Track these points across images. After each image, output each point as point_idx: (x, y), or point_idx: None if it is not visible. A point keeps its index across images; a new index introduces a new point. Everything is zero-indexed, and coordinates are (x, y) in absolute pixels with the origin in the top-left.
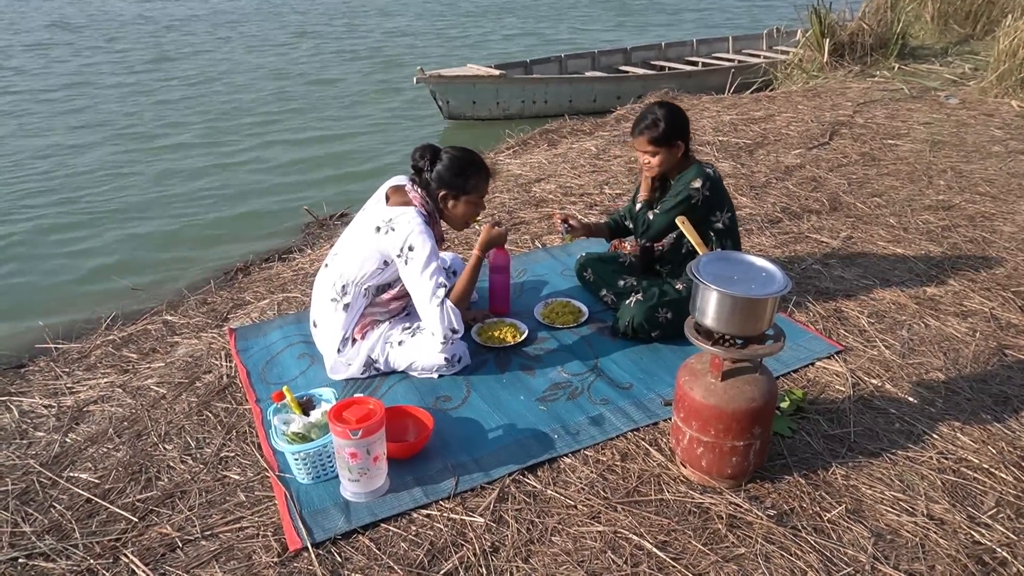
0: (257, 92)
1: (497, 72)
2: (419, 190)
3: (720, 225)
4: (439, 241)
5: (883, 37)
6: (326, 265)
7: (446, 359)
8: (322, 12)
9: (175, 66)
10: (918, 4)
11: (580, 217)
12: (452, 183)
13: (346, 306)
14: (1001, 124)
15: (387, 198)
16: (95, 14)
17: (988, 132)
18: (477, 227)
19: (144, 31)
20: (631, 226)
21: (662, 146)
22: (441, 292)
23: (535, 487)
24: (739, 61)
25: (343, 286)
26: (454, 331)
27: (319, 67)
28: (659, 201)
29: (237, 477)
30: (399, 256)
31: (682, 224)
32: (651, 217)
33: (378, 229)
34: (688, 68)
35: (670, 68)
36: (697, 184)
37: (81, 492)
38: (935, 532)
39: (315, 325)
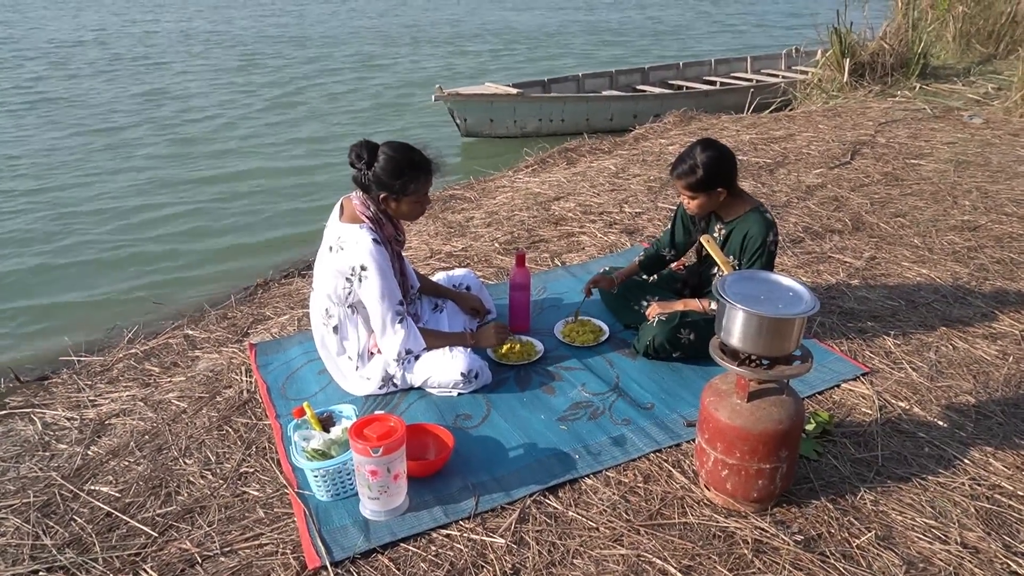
0: (274, 108)
1: (515, 91)
2: (360, 194)
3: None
4: (395, 241)
5: (904, 57)
6: (313, 288)
7: (462, 374)
8: (338, 32)
9: (189, 84)
10: (939, 24)
11: (607, 274)
12: (390, 186)
13: (335, 328)
14: None
15: (342, 209)
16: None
17: (1014, 152)
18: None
19: (180, 41)
20: (666, 256)
21: (700, 192)
22: (402, 309)
23: (556, 508)
24: (757, 81)
25: (326, 308)
26: (408, 351)
27: (336, 85)
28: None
29: (256, 493)
30: (352, 275)
31: (707, 243)
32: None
33: (331, 249)
34: (705, 87)
35: (687, 87)
36: (770, 238)
37: (102, 505)
38: (969, 561)
39: (320, 347)
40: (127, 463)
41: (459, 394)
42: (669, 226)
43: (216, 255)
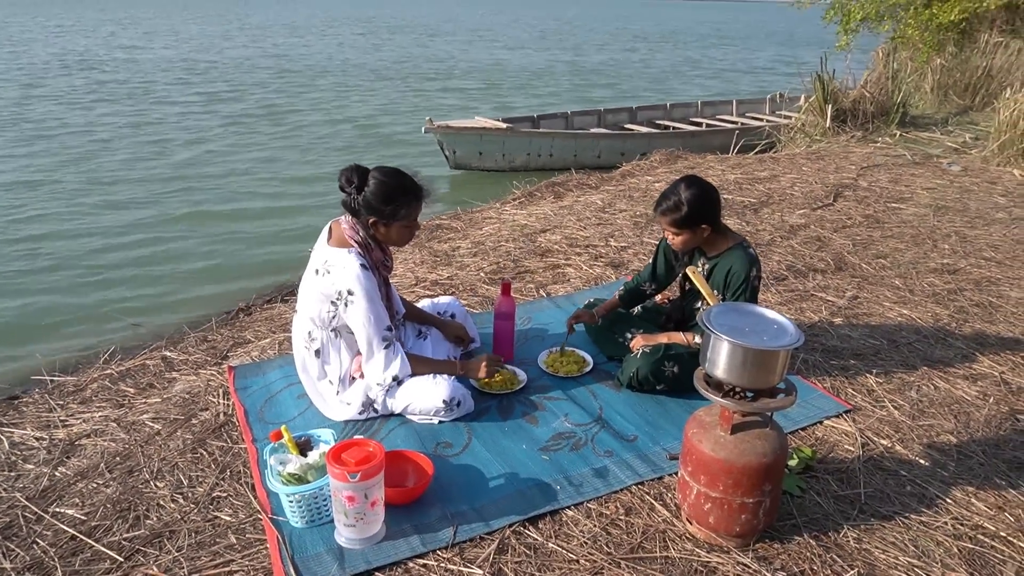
0: (259, 138)
1: (504, 125)
2: (349, 219)
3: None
4: (383, 266)
5: (884, 105)
6: (296, 311)
7: (444, 402)
8: (327, 65)
9: (180, 112)
10: (918, 76)
11: (588, 309)
12: (380, 210)
13: (317, 351)
14: (1004, 192)
15: (330, 233)
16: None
17: (991, 199)
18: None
19: (167, 70)
20: (647, 290)
21: (684, 229)
22: (389, 335)
23: (536, 539)
24: (742, 123)
25: (309, 332)
26: (395, 378)
27: (324, 117)
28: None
29: (228, 518)
30: (338, 299)
31: (693, 275)
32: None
33: (317, 272)
34: (692, 128)
35: (674, 127)
36: (753, 273)
37: (66, 528)
38: None
39: (301, 370)
40: (95, 485)
41: (440, 422)
42: (651, 260)
43: (198, 278)
